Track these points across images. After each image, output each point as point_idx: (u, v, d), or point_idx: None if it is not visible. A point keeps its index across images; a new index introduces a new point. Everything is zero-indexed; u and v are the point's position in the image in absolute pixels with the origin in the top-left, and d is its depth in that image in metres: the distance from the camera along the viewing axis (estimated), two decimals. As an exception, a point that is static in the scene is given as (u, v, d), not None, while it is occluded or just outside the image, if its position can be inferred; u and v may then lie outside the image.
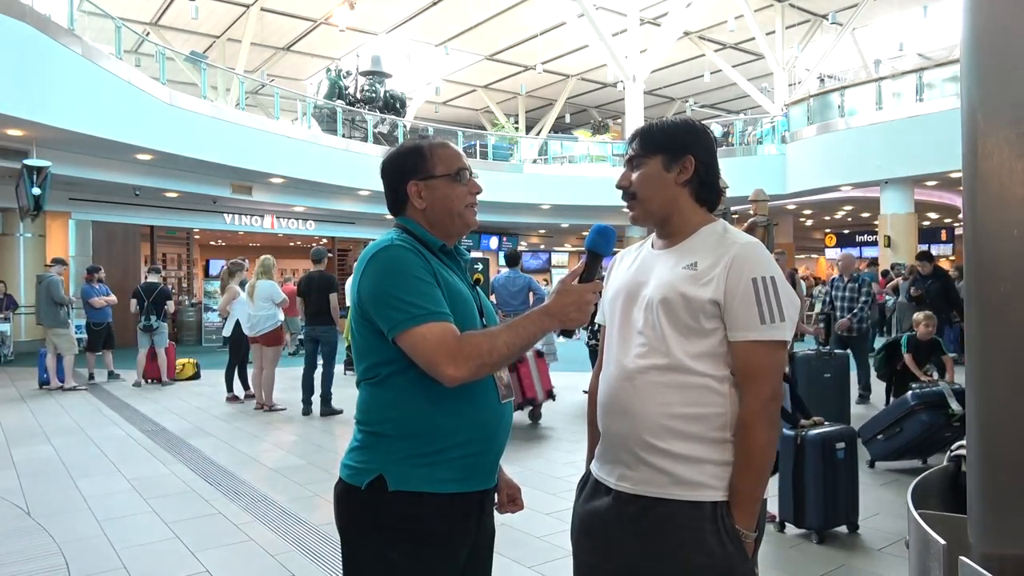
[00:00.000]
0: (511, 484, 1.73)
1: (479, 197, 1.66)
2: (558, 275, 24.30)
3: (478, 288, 1.69)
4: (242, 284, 8.60)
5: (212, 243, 21.94)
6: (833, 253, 26.46)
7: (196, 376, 10.08)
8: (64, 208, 13.69)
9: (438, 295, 1.45)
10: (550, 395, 6.71)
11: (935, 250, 23.88)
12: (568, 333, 1.52)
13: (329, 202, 16.42)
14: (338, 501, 1.54)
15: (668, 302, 1.47)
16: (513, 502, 1.72)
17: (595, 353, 3.95)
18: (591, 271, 1.50)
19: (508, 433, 1.61)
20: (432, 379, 1.41)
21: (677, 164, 1.55)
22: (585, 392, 8.57)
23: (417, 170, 1.59)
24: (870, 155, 13.98)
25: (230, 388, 8.33)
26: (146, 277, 10.03)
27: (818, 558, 3.48)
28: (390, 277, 1.45)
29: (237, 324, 8.28)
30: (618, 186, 1.61)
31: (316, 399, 7.40)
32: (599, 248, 1.53)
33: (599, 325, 1.73)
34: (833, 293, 7.61)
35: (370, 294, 1.47)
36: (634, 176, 1.58)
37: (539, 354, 6.68)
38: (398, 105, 19.28)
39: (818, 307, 11.60)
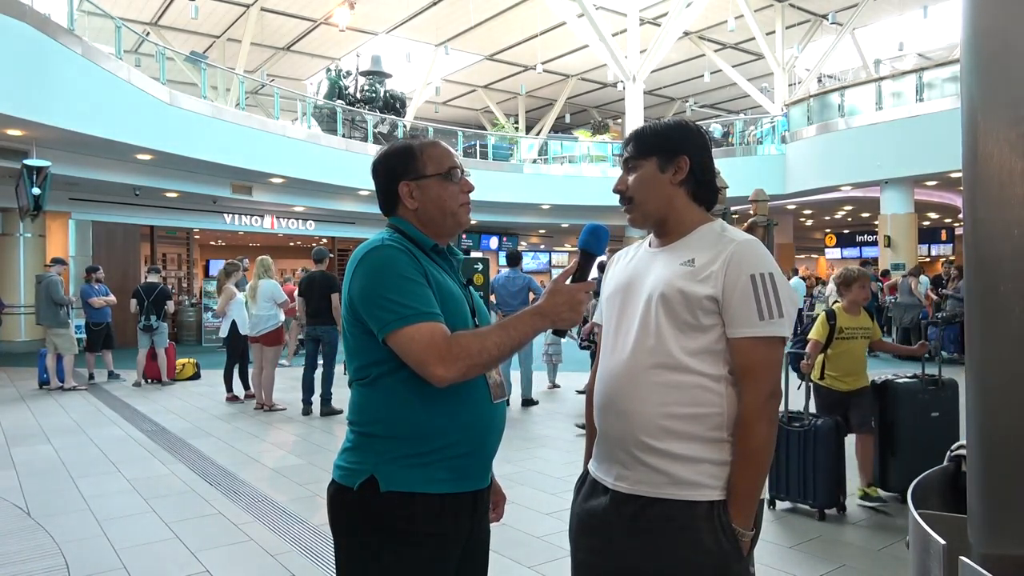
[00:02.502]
0: (497, 491, 1.72)
1: (473, 196, 1.65)
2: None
3: (471, 288, 1.68)
4: (239, 285, 8.60)
5: (212, 243, 21.93)
6: (833, 253, 26.47)
7: (196, 376, 10.08)
8: (64, 208, 13.70)
9: (428, 295, 1.45)
10: None
11: (935, 250, 23.92)
12: (561, 333, 1.52)
13: (329, 202, 16.41)
14: (331, 502, 1.54)
15: (666, 298, 1.47)
16: (494, 509, 1.71)
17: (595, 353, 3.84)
18: (583, 270, 1.50)
19: (501, 434, 1.60)
20: (423, 380, 1.41)
21: (672, 165, 1.56)
22: (581, 392, 8.50)
23: (408, 170, 1.58)
24: (870, 155, 13.98)
25: (230, 388, 8.34)
26: (146, 277, 10.03)
27: (818, 558, 3.48)
28: (380, 277, 1.44)
29: (233, 324, 8.28)
30: (615, 190, 1.62)
31: (316, 399, 7.42)
32: (591, 247, 1.53)
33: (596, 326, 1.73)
34: None
35: (360, 294, 1.46)
36: (630, 180, 1.59)
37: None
38: (398, 105, 19.29)
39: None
